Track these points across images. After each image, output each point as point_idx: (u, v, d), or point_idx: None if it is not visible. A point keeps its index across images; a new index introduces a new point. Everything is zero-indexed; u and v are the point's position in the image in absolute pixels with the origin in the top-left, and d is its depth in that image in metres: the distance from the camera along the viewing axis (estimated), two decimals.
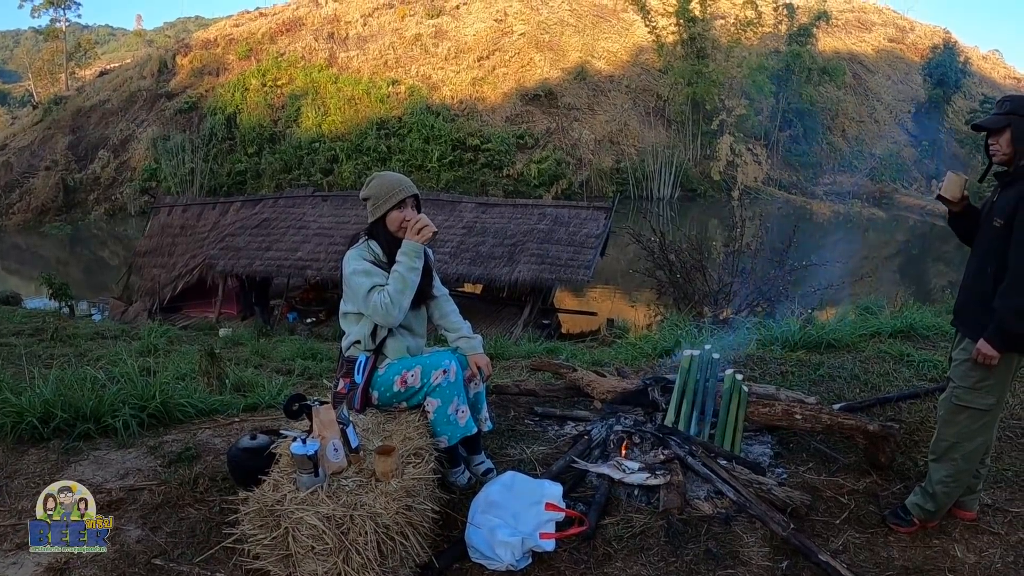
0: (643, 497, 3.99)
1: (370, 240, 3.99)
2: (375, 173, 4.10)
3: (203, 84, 49.18)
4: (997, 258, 3.53)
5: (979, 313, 3.58)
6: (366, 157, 42.76)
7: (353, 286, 3.84)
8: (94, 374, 5.77)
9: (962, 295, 3.80)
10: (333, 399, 3.94)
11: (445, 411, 3.81)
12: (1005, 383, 3.66)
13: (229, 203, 22.61)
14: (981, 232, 3.69)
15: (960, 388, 3.65)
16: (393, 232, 3.96)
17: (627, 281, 22.67)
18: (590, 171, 43.89)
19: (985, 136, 3.68)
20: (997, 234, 3.53)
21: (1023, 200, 3.43)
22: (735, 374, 4.67)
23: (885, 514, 3.93)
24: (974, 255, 3.73)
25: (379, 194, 3.95)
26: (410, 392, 3.87)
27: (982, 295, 3.59)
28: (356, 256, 3.91)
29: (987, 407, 3.63)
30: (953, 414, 3.69)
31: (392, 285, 3.78)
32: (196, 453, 4.43)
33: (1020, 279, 3.42)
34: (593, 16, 55.85)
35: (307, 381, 8.07)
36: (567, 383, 5.36)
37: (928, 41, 65.40)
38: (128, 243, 34.68)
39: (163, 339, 12.17)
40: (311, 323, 18.63)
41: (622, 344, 9.11)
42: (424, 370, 3.84)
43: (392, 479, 3.25)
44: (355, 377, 3.91)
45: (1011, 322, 3.43)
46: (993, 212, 3.60)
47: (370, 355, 3.93)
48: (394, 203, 3.93)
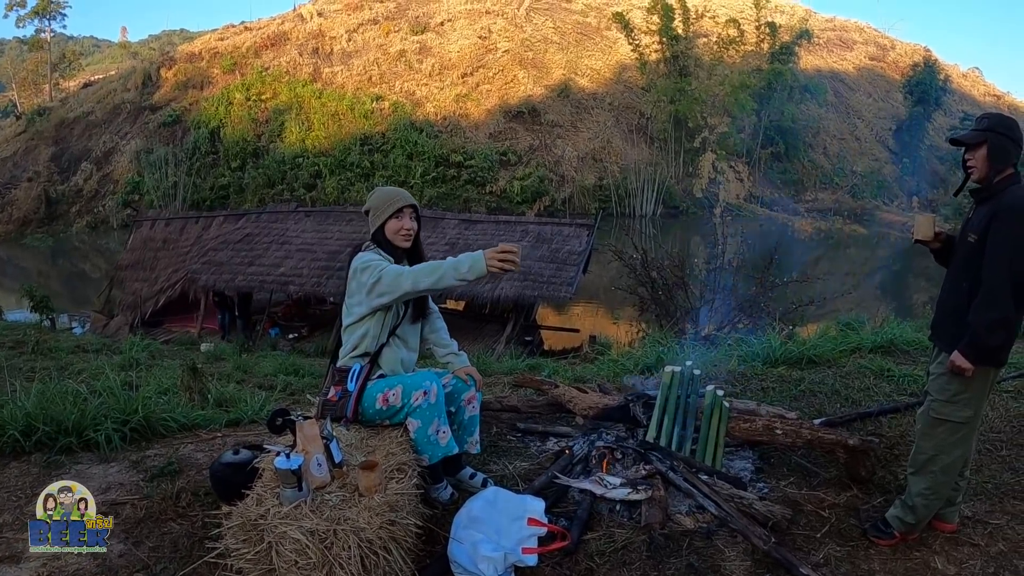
0: (625, 512, 4.00)
1: (376, 247, 4.03)
2: (375, 187, 4.21)
3: (187, 97, 49.12)
4: (971, 273, 3.57)
5: (954, 327, 3.63)
6: (349, 173, 42.76)
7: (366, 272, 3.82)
8: (76, 388, 5.74)
9: (939, 310, 3.86)
10: (323, 407, 3.95)
11: (425, 432, 3.80)
12: (982, 396, 3.70)
13: (212, 217, 22.57)
14: (957, 248, 3.75)
15: (938, 401, 3.68)
16: (392, 240, 4.02)
17: (609, 298, 22.71)
18: (573, 188, 44.00)
19: (963, 151, 3.72)
20: (971, 249, 3.58)
21: (996, 217, 3.47)
22: (716, 390, 4.70)
23: (866, 527, 3.95)
24: (950, 271, 3.79)
25: (378, 205, 4.03)
26: (391, 411, 3.87)
27: (957, 309, 3.63)
28: (366, 255, 3.94)
29: (964, 420, 3.66)
30: (931, 427, 3.72)
31: (424, 266, 3.77)
32: (178, 468, 4.42)
33: (992, 293, 3.46)
34: (577, 34, 56.12)
35: (289, 396, 8.04)
36: (549, 399, 5.37)
37: (909, 59, 66.01)
38: (110, 256, 34.50)
39: (145, 353, 12.10)
40: (293, 339, 18.57)
41: (604, 360, 9.12)
42: (405, 390, 3.84)
43: (375, 494, 3.25)
44: (348, 385, 3.91)
45: (983, 335, 3.47)
46: (968, 228, 3.66)
47: (365, 364, 3.94)
48: (391, 212, 4.00)
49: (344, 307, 4.05)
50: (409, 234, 4.05)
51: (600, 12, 59.13)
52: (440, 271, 3.68)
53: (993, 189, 3.59)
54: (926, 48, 71.50)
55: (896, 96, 60.87)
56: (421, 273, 3.72)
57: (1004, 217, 3.46)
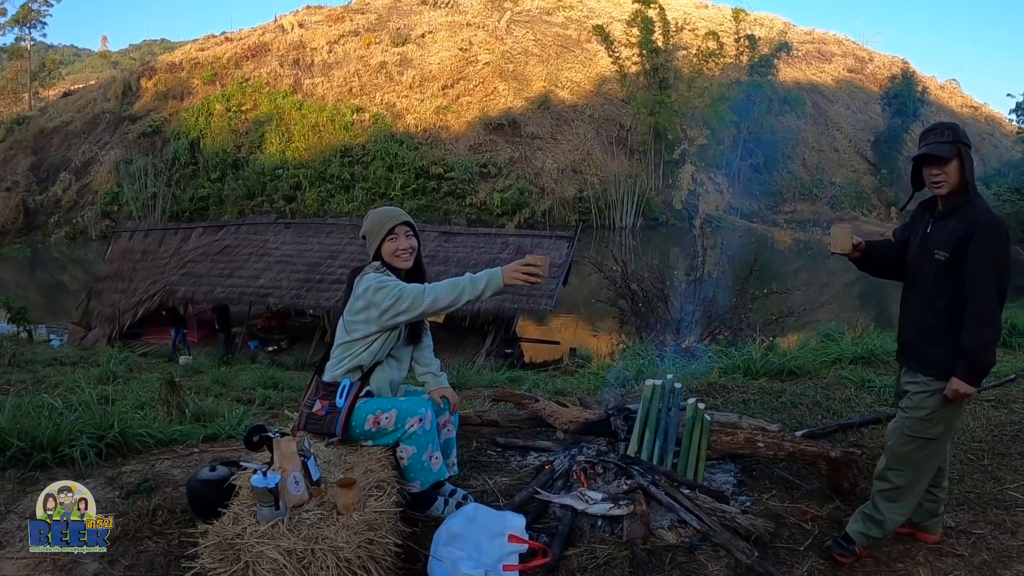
0: (607, 527, 3.97)
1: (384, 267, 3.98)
2: (370, 210, 4.13)
3: (167, 108, 48.98)
4: (946, 292, 3.53)
5: (934, 348, 3.58)
6: (329, 184, 42.76)
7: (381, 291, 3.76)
8: (51, 402, 5.68)
9: (910, 331, 3.77)
10: (307, 420, 3.90)
11: (420, 458, 3.78)
12: (957, 412, 3.69)
13: (191, 229, 22.51)
14: (918, 265, 3.69)
15: (912, 419, 3.63)
16: (390, 263, 3.97)
17: (590, 309, 22.76)
18: (553, 200, 44.14)
19: (914, 166, 3.67)
20: (942, 267, 3.52)
21: (974, 234, 3.42)
22: (697, 403, 4.69)
23: (827, 546, 3.89)
24: (915, 289, 3.71)
25: (371, 228, 3.97)
26: (381, 433, 3.82)
27: (934, 330, 3.59)
28: (378, 275, 3.88)
29: (937, 435, 3.64)
30: (904, 444, 3.68)
31: (443, 285, 3.73)
32: (155, 484, 4.36)
33: (983, 313, 3.43)
34: (557, 46, 56.33)
35: (268, 411, 7.99)
36: (529, 413, 5.34)
37: (887, 71, 66.69)
38: (88, 267, 34.34)
39: (122, 366, 12.01)
40: (273, 351, 18.49)
41: (584, 373, 9.11)
42: (399, 415, 3.79)
43: (354, 512, 3.22)
44: (336, 401, 3.84)
45: (983, 356, 3.44)
46: (930, 244, 3.61)
47: (355, 381, 3.88)
48: (384, 233, 3.93)
49: (342, 323, 3.97)
50: (407, 254, 3.99)
51: (580, 24, 59.37)
52: (459, 289, 3.67)
53: (959, 203, 3.54)
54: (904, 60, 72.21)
55: (874, 108, 61.43)
56: (441, 292, 3.69)
57: (984, 235, 3.42)
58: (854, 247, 3.77)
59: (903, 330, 3.83)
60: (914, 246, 3.74)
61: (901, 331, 3.85)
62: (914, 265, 3.72)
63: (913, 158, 3.66)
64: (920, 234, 3.72)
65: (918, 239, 3.72)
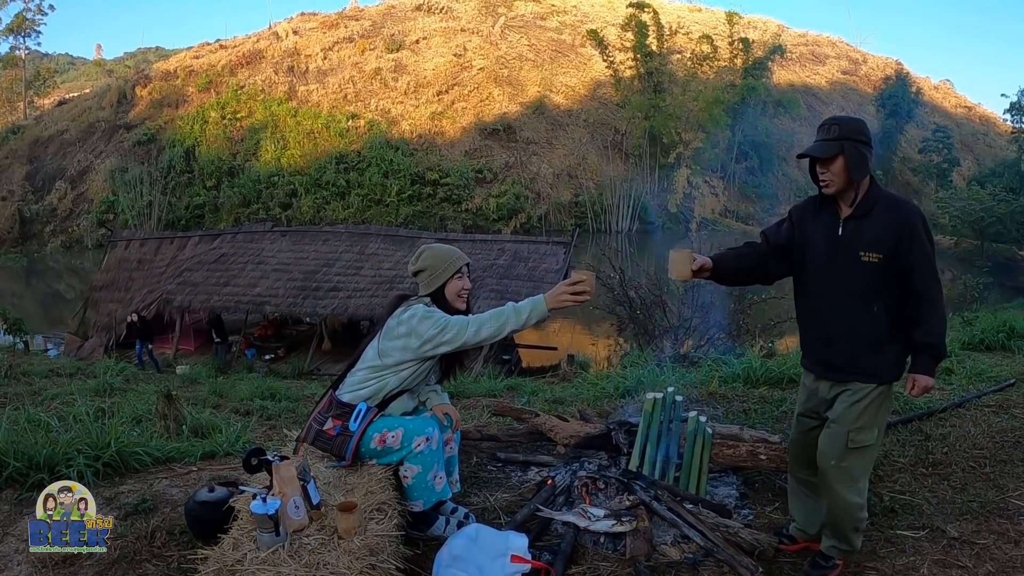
0: (609, 544, 3.94)
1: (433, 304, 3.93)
2: (424, 247, 4.04)
3: (162, 116, 49.05)
4: (881, 295, 3.42)
5: (875, 355, 3.46)
6: (325, 191, 42.81)
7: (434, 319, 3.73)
8: (47, 420, 5.66)
9: (841, 341, 3.55)
10: (316, 436, 3.85)
11: (425, 477, 3.75)
12: (887, 413, 3.65)
13: (187, 237, 22.56)
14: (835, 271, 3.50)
15: (854, 430, 3.50)
16: (451, 302, 3.94)
17: (587, 314, 22.72)
18: (548, 205, 44.24)
19: (810, 164, 3.50)
20: (875, 270, 3.38)
21: (911, 233, 3.34)
22: (699, 416, 4.67)
23: (805, 570, 3.80)
24: (837, 297, 3.52)
25: (435, 265, 3.91)
26: (386, 452, 3.78)
27: (875, 336, 3.46)
28: (424, 307, 3.85)
29: (876, 439, 3.57)
30: (847, 456, 3.55)
31: (487, 316, 3.71)
32: (153, 505, 4.32)
33: (937, 305, 3.38)
34: (551, 51, 56.48)
35: (266, 422, 7.97)
36: (529, 428, 5.32)
37: (881, 73, 67.06)
38: (85, 276, 34.36)
39: (119, 377, 11.99)
40: (269, 359, 18.45)
41: (583, 382, 9.09)
42: (406, 434, 3.76)
43: (355, 536, 3.18)
44: (350, 424, 3.79)
45: (943, 346, 3.39)
46: (847, 246, 3.46)
47: (373, 407, 3.84)
48: (453, 272, 3.92)
49: (375, 346, 3.90)
50: (467, 293, 4.01)
51: (575, 29, 59.59)
52: (502, 319, 3.67)
53: (874, 200, 3.42)
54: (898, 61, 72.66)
55: (869, 109, 61.65)
56: (485, 323, 3.68)
57: (922, 229, 3.35)
58: (699, 269, 3.63)
59: (828, 342, 3.60)
60: (819, 250, 3.55)
61: (824, 343, 3.64)
62: (826, 273, 3.53)
63: (798, 156, 3.53)
64: (826, 238, 3.54)
65: (823, 242, 3.54)
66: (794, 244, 3.66)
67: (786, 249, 3.70)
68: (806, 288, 3.68)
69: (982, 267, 34.10)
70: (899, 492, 4.60)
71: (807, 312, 3.72)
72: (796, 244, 3.66)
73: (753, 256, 3.76)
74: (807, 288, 3.67)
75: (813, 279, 3.61)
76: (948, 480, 4.78)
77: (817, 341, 3.69)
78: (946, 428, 5.59)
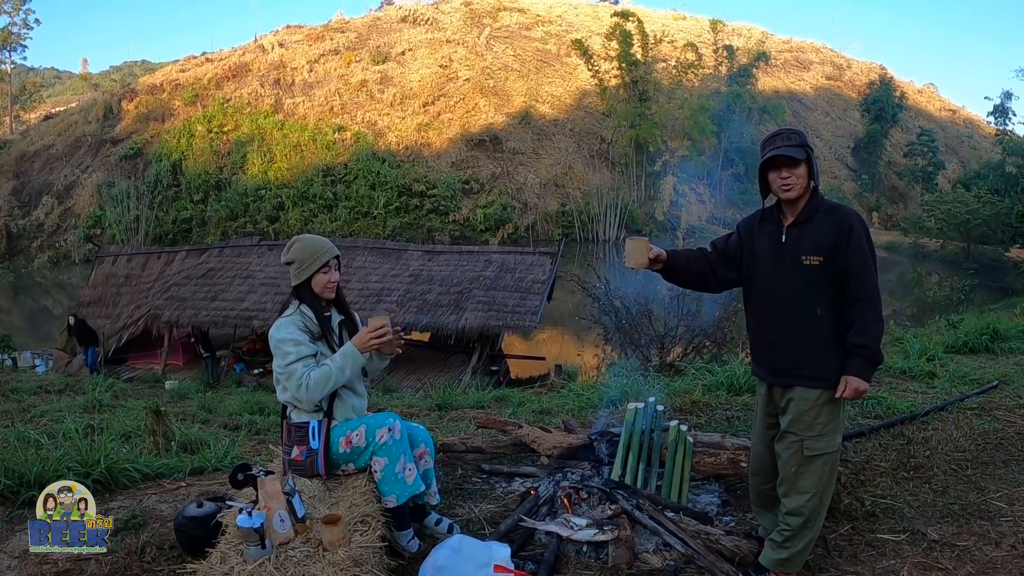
0: (592, 553, 3.98)
1: (301, 305, 3.96)
2: (295, 237, 4.09)
3: (149, 130, 48.91)
4: (823, 298, 3.48)
5: (821, 358, 3.51)
6: (312, 204, 42.77)
7: (280, 353, 3.81)
8: (37, 437, 5.68)
9: (788, 346, 3.60)
10: (289, 467, 3.90)
11: (393, 469, 3.79)
12: (842, 413, 3.64)
13: (174, 252, 22.50)
14: (779, 278, 3.59)
15: (811, 439, 3.54)
16: (319, 293, 3.98)
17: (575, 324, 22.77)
18: (536, 215, 44.25)
19: (763, 172, 3.60)
20: (817, 273, 3.46)
21: (848, 234, 3.41)
22: (680, 425, 4.72)
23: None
24: (782, 302, 3.59)
25: (304, 257, 3.94)
26: (356, 452, 3.86)
27: (820, 340, 3.51)
28: (287, 324, 3.88)
29: (837, 445, 3.60)
30: (806, 465, 3.58)
31: (317, 373, 3.77)
32: (143, 520, 4.34)
33: (875, 308, 3.43)
34: (537, 61, 56.58)
35: (255, 436, 8.00)
36: (514, 439, 5.36)
37: (865, 77, 67.45)
38: (72, 291, 34.23)
39: (108, 393, 12.00)
40: (258, 374, 18.43)
41: (568, 392, 9.13)
42: (369, 429, 3.84)
43: (340, 548, 3.23)
44: (311, 444, 3.86)
45: (878, 350, 3.44)
46: (791, 252, 3.53)
47: (323, 420, 3.89)
48: (319, 265, 3.94)
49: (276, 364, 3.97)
50: (335, 286, 4.04)
51: (560, 39, 59.75)
52: (329, 379, 3.77)
53: (817, 206, 3.51)
54: (881, 66, 73.13)
55: (853, 114, 62.06)
56: (317, 384, 3.74)
57: (860, 232, 3.43)
58: (653, 259, 3.67)
59: (774, 347, 3.67)
60: (764, 258, 3.64)
61: (770, 349, 3.71)
62: (771, 279, 3.62)
63: (763, 161, 3.57)
64: (771, 245, 3.62)
65: (768, 250, 3.62)
66: (742, 255, 3.75)
67: (733, 259, 3.78)
68: (753, 295, 3.76)
69: (968, 269, 34.33)
70: (880, 496, 4.64)
71: (755, 319, 3.79)
72: (745, 254, 3.74)
73: (704, 260, 3.82)
74: (754, 295, 3.76)
75: (759, 286, 3.70)
76: (929, 483, 4.83)
77: (764, 346, 3.76)
78: (928, 432, 5.61)
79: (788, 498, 3.66)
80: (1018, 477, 4.94)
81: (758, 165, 3.62)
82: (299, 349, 3.79)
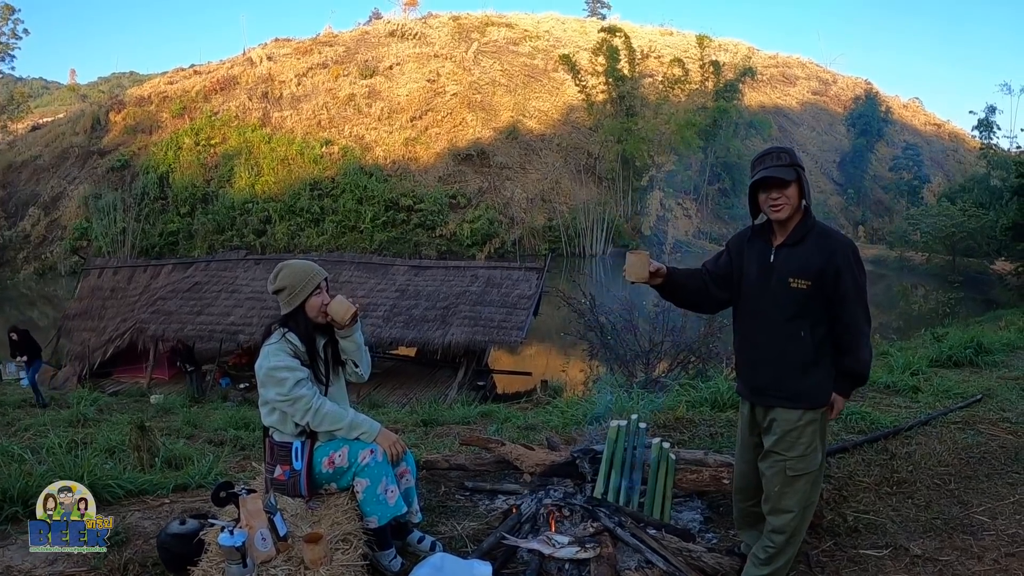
0: (574, 571, 3.97)
1: (287, 332, 3.93)
2: (280, 264, 4.05)
3: (136, 142, 48.75)
4: (809, 320, 3.47)
5: (804, 379, 3.51)
6: (299, 218, 42.69)
7: (274, 381, 3.78)
8: (21, 452, 5.66)
9: (771, 366, 3.59)
10: (273, 486, 3.90)
11: (374, 490, 3.79)
12: (825, 435, 3.67)
13: (161, 266, 22.47)
14: (765, 298, 3.57)
15: (793, 459, 3.54)
16: (312, 318, 3.96)
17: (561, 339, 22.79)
18: (523, 230, 44.27)
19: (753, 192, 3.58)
20: (804, 296, 3.44)
21: (841, 260, 3.41)
22: (662, 443, 4.73)
23: None
24: (768, 323, 3.58)
25: (294, 283, 3.92)
26: (338, 472, 3.86)
27: (804, 361, 3.50)
28: (276, 351, 3.86)
29: (819, 464, 3.60)
30: (790, 484, 3.57)
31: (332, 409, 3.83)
32: (126, 537, 4.33)
33: (864, 334, 3.47)
34: (524, 76, 56.70)
35: (240, 452, 7.97)
36: (497, 457, 5.36)
37: (850, 92, 67.94)
38: (58, 304, 34.10)
39: (92, 408, 11.94)
40: (244, 388, 18.36)
41: (553, 409, 9.13)
42: (351, 451, 3.85)
43: (321, 567, 3.23)
44: (294, 464, 3.86)
45: (866, 373, 3.51)
46: (778, 273, 3.52)
47: (306, 440, 3.89)
48: (312, 288, 3.94)
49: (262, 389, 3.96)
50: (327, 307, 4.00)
51: (547, 54, 59.91)
52: (341, 424, 3.85)
53: (807, 228, 3.50)
54: (867, 81, 73.72)
55: (839, 129, 62.46)
56: (326, 417, 3.81)
57: (852, 258, 3.44)
58: (653, 273, 3.62)
59: (758, 366, 3.67)
60: (752, 276, 3.63)
61: (751, 367, 3.72)
62: (757, 298, 3.61)
63: (752, 182, 3.57)
64: (758, 264, 3.61)
65: (756, 269, 3.61)
66: (732, 273, 3.74)
67: (724, 278, 3.77)
68: (739, 313, 3.76)
69: (953, 282, 34.54)
70: (863, 512, 4.66)
71: (740, 337, 3.79)
72: (734, 272, 3.73)
73: (700, 279, 3.80)
74: (740, 313, 3.75)
75: (745, 304, 3.69)
76: (912, 498, 4.85)
77: (746, 365, 3.76)
78: (911, 446, 5.65)
79: (773, 516, 3.66)
80: (1001, 491, 4.98)
81: (747, 182, 3.62)
82: (295, 374, 3.79)
